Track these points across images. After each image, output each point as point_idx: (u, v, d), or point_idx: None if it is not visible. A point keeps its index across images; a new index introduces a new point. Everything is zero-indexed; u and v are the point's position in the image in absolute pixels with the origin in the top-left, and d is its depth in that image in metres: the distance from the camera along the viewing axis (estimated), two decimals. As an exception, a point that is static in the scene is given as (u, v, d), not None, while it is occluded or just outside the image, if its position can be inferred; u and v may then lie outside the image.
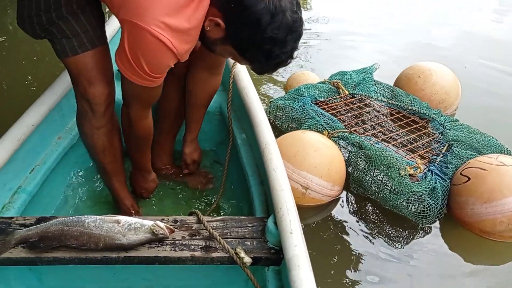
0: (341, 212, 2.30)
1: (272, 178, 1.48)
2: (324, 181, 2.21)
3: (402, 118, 2.82)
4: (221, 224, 1.47)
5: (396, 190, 2.16)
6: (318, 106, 2.77)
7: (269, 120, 2.80)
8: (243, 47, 1.35)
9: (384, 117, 2.85)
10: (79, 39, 1.52)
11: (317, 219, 2.27)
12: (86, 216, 1.38)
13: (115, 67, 1.56)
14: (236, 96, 1.99)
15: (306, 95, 2.82)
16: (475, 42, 4.24)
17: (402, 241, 2.15)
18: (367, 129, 2.69)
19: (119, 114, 1.72)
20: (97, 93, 1.60)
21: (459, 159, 2.33)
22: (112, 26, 2.26)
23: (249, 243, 1.41)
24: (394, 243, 2.13)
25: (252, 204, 1.68)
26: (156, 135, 1.97)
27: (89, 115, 1.64)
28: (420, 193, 2.13)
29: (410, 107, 2.83)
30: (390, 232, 2.18)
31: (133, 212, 1.89)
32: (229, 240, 1.41)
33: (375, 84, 3.06)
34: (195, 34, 1.39)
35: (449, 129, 2.61)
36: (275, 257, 1.38)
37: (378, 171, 2.23)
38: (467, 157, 2.32)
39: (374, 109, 2.89)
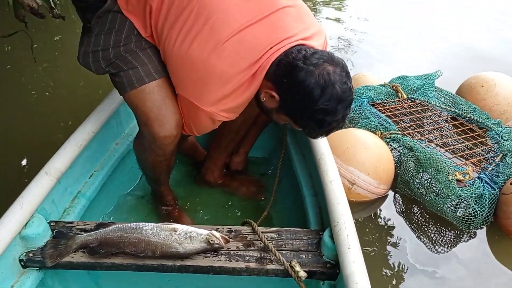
0: (387, 211, 2.32)
1: (329, 191, 1.45)
2: (371, 178, 2.25)
3: (459, 125, 2.78)
4: (275, 236, 1.46)
5: (442, 193, 2.15)
6: (375, 108, 2.79)
7: None
8: (297, 116, 1.42)
9: (441, 123, 2.81)
10: (146, 69, 1.52)
11: (363, 215, 2.31)
12: (143, 223, 1.40)
13: None
14: None
15: (364, 96, 2.85)
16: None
17: (446, 245, 2.14)
18: (421, 133, 2.69)
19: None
20: (167, 135, 1.56)
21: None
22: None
23: (304, 256, 1.40)
24: (437, 247, 2.12)
25: (306, 215, 1.66)
26: (212, 149, 2.02)
27: (157, 152, 1.64)
28: (466, 199, 2.11)
29: (468, 115, 2.78)
30: (434, 235, 2.18)
31: (175, 206, 1.94)
32: (283, 252, 1.40)
33: (435, 90, 3.02)
34: (247, 101, 1.48)
35: (506, 140, 2.55)
36: (330, 272, 1.36)
37: (426, 173, 2.24)
38: None
39: (431, 114, 2.86)
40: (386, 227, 2.23)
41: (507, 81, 2.92)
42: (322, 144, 1.66)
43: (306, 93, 1.32)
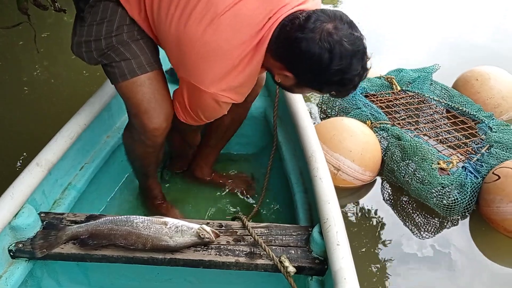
0: (373, 197, 2.38)
1: (319, 188, 1.47)
2: (356, 165, 2.31)
3: (451, 117, 2.82)
4: (265, 231, 1.47)
5: (426, 181, 2.20)
6: (368, 99, 2.83)
7: (321, 108, 2.95)
8: (317, 85, 1.38)
9: (433, 114, 2.85)
10: (138, 61, 1.52)
11: (349, 201, 2.36)
12: (134, 216, 1.41)
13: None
14: (281, 101, 1.99)
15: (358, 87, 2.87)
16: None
17: (430, 232, 2.19)
18: (412, 124, 2.74)
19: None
20: (157, 127, 1.58)
21: (496, 160, 2.34)
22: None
23: (293, 252, 1.41)
24: (421, 233, 2.17)
25: (295, 212, 1.68)
26: (201, 147, 2.03)
27: (146, 144, 1.64)
28: (448, 187, 2.16)
29: (461, 108, 2.82)
30: (418, 222, 2.23)
31: (163, 202, 1.94)
32: (273, 247, 1.41)
33: (431, 83, 3.06)
34: (251, 81, 1.46)
35: (495, 132, 2.60)
36: (319, 268, 1.38)
37: (411, 162, 2.29)
38: (505, 158, 2.32)
39: (424, 106, 2.90)
40: (372, 213, 2.29)
41: (501, 75, 2.96)
42: (313, 142, 1.68)
43: (316, 62, 1.28)
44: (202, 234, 1.38)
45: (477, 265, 2.05)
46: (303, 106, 1.90)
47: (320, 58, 1.27)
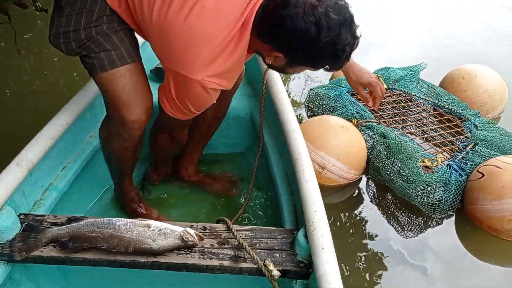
0: (358, 196, 2.38)
1: (304, 190, 1.45)
2: (341, 163, 2.31)
3: (438, 116, 2.83)
4: (250, 234, 1.45)
5: (410, 179, 2.20)
6: (354, 97, 2.83)
7: (308, 107, 2.94)
8: (310, 61, 1.36)
9: (419, 112, 2.85)
10: (118, 52, 1.49)
11: (333, 200, 2.37)
12: (117, 218, 1.38)
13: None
14: (268, 101, 1.97)
15: (344, 85, 2.89)
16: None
17: (415, 230, 2.20)
18: (398, 122, 2.74)
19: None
20: (135, 119, 1.55)
21: (481, 158, 2.35)
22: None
23: (277, 255, 1.39)
24: (406, 232, 2.18)
25: (280, 214, 1.66)
26: (185, 145, 1.99)
27: (124, 137, 1.61)
28: (432, 185, 2.17)
29: (447, 106, 2.83)
30: (403, 221, 2.24)
31: (140, 203, 1.90)
32: (257, 251, 1.40)
33: (418, 82, 3.06)
34: (238, 66, 1.43)
35: (481, 130, 2.61)
36: (303, 271, 1.36)
37: (396, 160, 2.29)
38: (489, 156, 2.33)
39: (410, 104, 2.90)
40: (357, 211, 2.29)
41: (488, 73, 2.97)
42: (299, 143, 1.66)
43: (304, 37, 1.25)
44: (185, 237, 1.36)
45: (462, 263, 2.05)
46: (290, 107, 1.88)
47: (308, 33, 1.24)
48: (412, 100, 2.93)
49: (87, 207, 1.91)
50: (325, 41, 1.25)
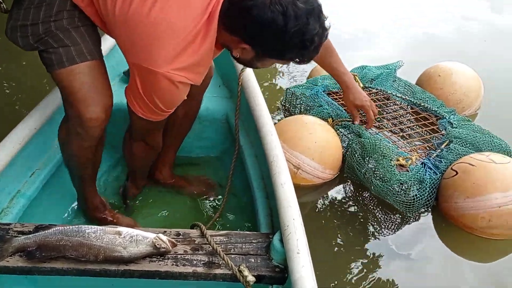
0: (334, 195, 2.37)
1: (280, 194, 1.44)
2: (316, 163, 2.29)
3: (414, 114, 2.82)
4: (224, 239, 1.43)
5: (385, 178, 2.20)
6: (330, 97, 2.82)
7: (285, 107, 2.91)
8: (278, 53, 1.34)
9: (396, 110, 2.85)
10: (78, 48, 1.44)
11: (309, 200, 2.35)
12: (86, 226, 1.34)
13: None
14: (243, 103, 1.95)
15: (320, 84, 2.89)
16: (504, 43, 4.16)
17: (392, 229, 2.20)
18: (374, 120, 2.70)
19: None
20: (93, 117, 1.50)
21: (455, 155, 2.35)
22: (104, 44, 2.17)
23: (253, 260, 1.37)
24: (383, 230, 2.18)
25: (256, 218, 1.64)
26: None
27: (82, 136, 1.55)
28: (407, 183, 2.17)
29: (423, 104, 2.83)
30: (380, 219, 2.24)
31: (106, 211, 1.84)
32: (232, 256, 1.37)
33: (394, 80, 3.05)
34: (207, 60, 1.40)
35: (456, 127, 2.62)
36: (279, 276, 1.34)
37: (371, 159, 2.29)
38: (464, 154, 2.34)
39: (386, 102, 2.89)
40: (332, 211, 2.28)
41: (464, 70, 2.99)
42: (274, 146, 1.64)
43: (271, 27, 1.23)
44: (158, 244, 1.32)
45: (438, 260, 2.06)
46: (265, 108, 1.86)
47: (275, 23, 1.23)
48: (389, 98, 2.92)
49: (57, 214, 1.85)
50: (292, 31, 1.24)
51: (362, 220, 2.22)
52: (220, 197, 2.05)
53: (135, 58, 1.37)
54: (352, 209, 2.29)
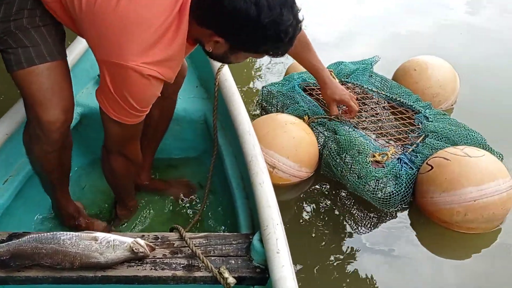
0: (311, 193, 2.36)
1: (258, 193, 1.43)
2: (291, 162, 2.27)
3: (390, 108, 2.80)
4: (204, 241, 1.41)
5: (361, 175, 2.19)
6: (307, 93, 2.78)
7: (261, 105, 2.88)
8: (252, 46, 1.30)
9: (372, 106, 2.82)
10: (38, 49, 1.40)
11: (286, 199, 2.33)
12: (61, 232, 1.32)
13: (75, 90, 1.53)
14: (221, 103, 1.93)
15: (296, 79, 2.84)
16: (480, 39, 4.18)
17: (370, 225, 2.20)
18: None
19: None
20: (52, 119, 1.45)
21: (431, 150, 2.34)
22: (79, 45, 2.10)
23: (233, 262, 1.36)
24: (361, 227, 2.18)
25: (236, 218, 1.62)
26: None
27: (42, 140, 1.50)
28: (382, 179, 2.16)
29: (399, 99, 2.81)
30: (357, 216, 2.24)
31: (80, 217, 1.80)
32: (212, 258, 1.36)
33: (371, 75, 3.02)
34: (179, 55, 1.36)
35: (432, 121, 2.61)
36: (260, 277, 1.33)
37: (347, 155, 2.27)
38: (439, 148, 2.33)
39: (362, 97, 2.86)
40: (310, 209, 2.27)
41: (440, 64, 2.98)
42: (252, 145, 1.63)
43: (244, 18, 1.20)
44: (135, 249, 1.30)
45: (416, 256, 2.07)
46: (243, 108, 1.85)
47: (247, 13, 1.20)
48: (366, 94, 2.90)
49: (33, 222, 1.81)
50: (266, 22, 1.21)
51: (340, 217, 2.22)
52: (200, 199, 2.03)
53: (104, 54, 1.32)
54: (329, 207, 2.28)
